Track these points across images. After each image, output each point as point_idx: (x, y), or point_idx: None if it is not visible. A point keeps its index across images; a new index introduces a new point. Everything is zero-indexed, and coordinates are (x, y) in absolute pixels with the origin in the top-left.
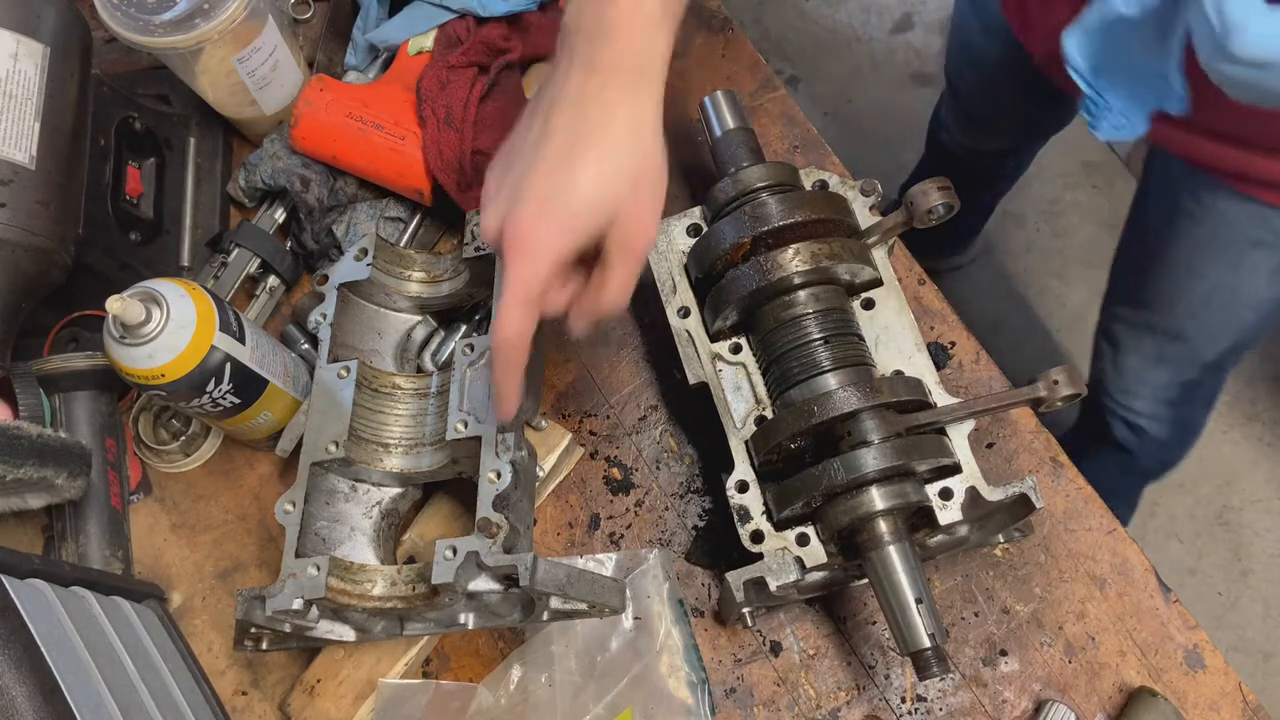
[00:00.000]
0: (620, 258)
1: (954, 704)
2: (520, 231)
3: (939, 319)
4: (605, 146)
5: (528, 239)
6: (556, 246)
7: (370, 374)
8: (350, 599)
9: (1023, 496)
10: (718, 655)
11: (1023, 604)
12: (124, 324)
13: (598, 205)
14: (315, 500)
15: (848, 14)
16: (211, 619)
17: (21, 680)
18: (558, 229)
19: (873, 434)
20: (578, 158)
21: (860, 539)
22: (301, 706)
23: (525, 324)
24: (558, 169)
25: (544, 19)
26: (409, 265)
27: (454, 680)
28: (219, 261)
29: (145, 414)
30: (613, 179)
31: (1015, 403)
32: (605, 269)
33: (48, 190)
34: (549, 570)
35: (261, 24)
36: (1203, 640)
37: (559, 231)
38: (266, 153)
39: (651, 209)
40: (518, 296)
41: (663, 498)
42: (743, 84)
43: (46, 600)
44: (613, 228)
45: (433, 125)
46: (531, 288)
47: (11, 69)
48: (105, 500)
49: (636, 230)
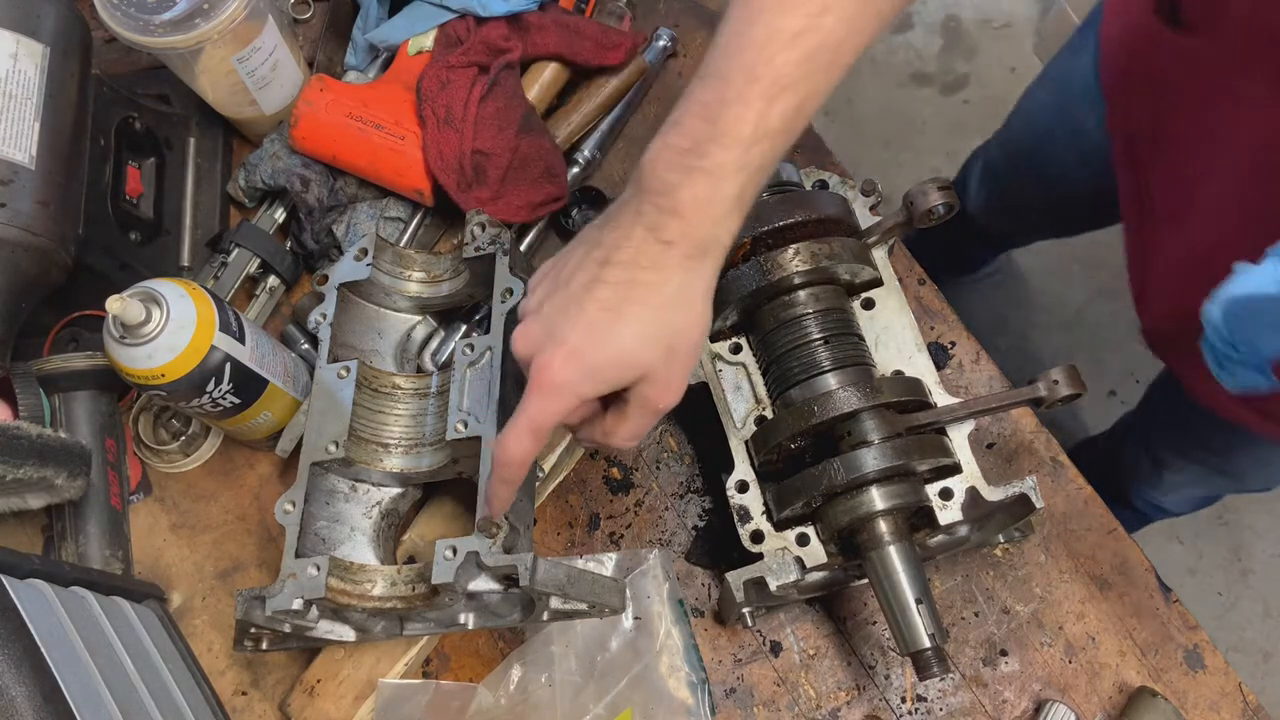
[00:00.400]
0: (639, 411)
1: (954, 704)
2: (548, 370)
3: (939, 319)
4: (649, 309)
5: (554, 379)
6: (579, 391)
7: (370, 374)
8: (350, 599)
9: (1023, 496)
10: (718, 655)
11: (1023, 604)
12: (124, 324)
13: (629, 365)
14: (315, 500)
15: None
16: (211, 619)
17: (21, 680)
18: (584, 377)
19: (873, 434)
20: (620, 316)
21: (860, 539)
22: (301, 706)
23: (531, 450)
24: (599, 321)
25: (544, 19)
26: (409, 265)
27: (454, 680)
28: (219, 261)
29: (145, 414)
30: (649, 342)
31: (1015, 403)
32: (622, 416)
33: (48, 190)
34: (549, 570)
35: (261, 24)
36: (1203, 640)
37: (584, 378)
38: (266, 153)
39: (681, 374)
40: (530, 425)
41: (663, 498)
42: None
43: (46, 600)
44: (639, 383)
45: (433, 125)
46: (545, 422)
47: (11, 69)
48: (105, 500)
49: (661, 392)
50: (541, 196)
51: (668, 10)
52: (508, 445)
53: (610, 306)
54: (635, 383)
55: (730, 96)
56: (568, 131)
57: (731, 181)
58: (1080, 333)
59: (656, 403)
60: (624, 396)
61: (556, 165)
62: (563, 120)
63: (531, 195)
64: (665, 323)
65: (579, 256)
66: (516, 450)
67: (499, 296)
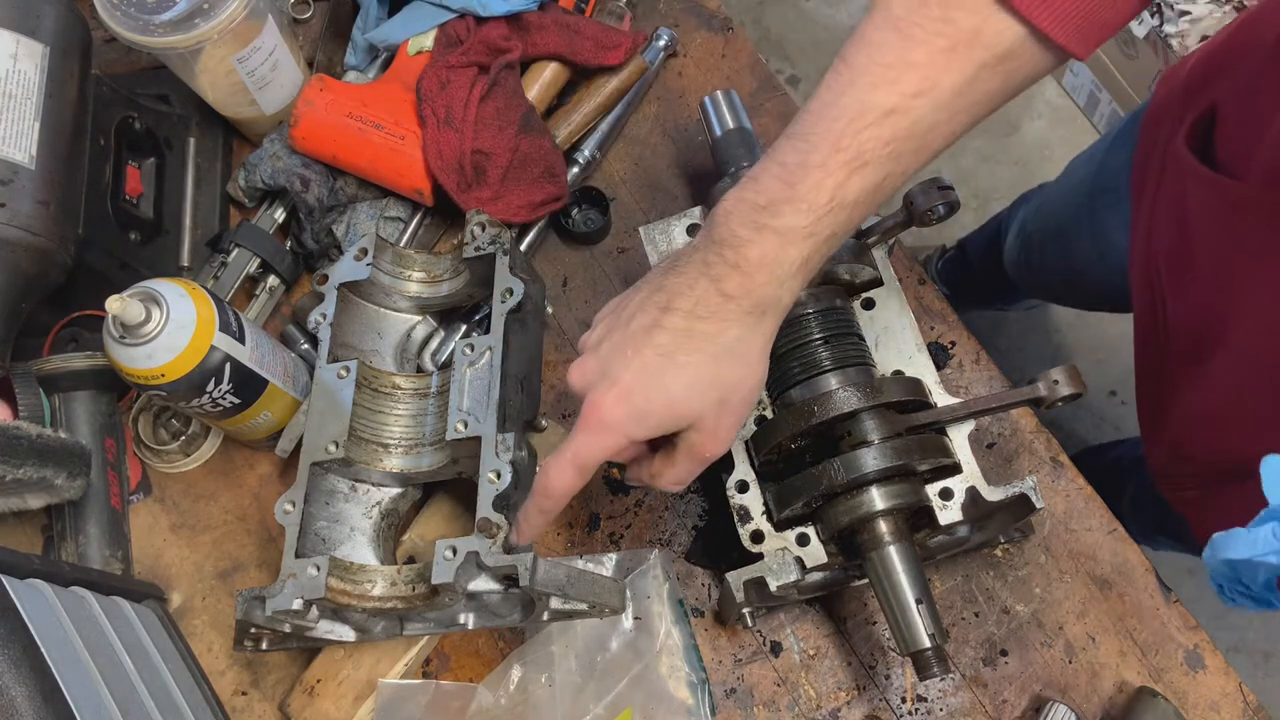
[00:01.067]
0: (686, 457)
1: (954, 704)
2: (598, 409)
3: (939, 319)
4: (703, 358)
5: (603, 418)
6: (628, 432)
7: (370, 374)
8: (350, 599)
9: (1023, 496)
10: (718, 655)
11: (1023, 604)
12: (124, 324)
13: (679, 413)
14: (315, 500)
15: (848, 14)
16: (211, 619)
17: (21, 680)
18: (634, 419)
19: (873, 434)
20: (674, 363)
21: (860, 539)
22: (301, 706)
23: (573, 485)
24: (653, 366)
25: (544, 19)
26: (409, 265)
27: (454, 680)
28: (219, 261)
29: (145, 414)
30: (702, 392)
31: (1015, 403)
32: (670, 460)
33: (48, 190)
34: (549, 570)
35: (261, 24)
36: (1203, 640)
37: (633, 420)
38: (266, 153)
39: (730, 426)
40: (575, 461)
41: (663, 498)
42: (743, 84)
43: (46, 600)
44: (688, 431)
45: (432, 125)
46: (590, 458)
47: (11, 69)
48: (105, 500)
49: (709, 441)
50: (542, 196)
51: (668, 10)
52: (550, 477)
53: (666, 352)
54: (684, 430)
55: (812, 162)
56: (568, 131)
57: (800, 246)
58: (1080, 333)
59: (703, 451)
60: (673, 441)
61: (556, 165)
62: (563, 120)
63: (531, 195)
64: (718, 374)
65: (641, 298)
66: (559, 483)
67: (499, 296)
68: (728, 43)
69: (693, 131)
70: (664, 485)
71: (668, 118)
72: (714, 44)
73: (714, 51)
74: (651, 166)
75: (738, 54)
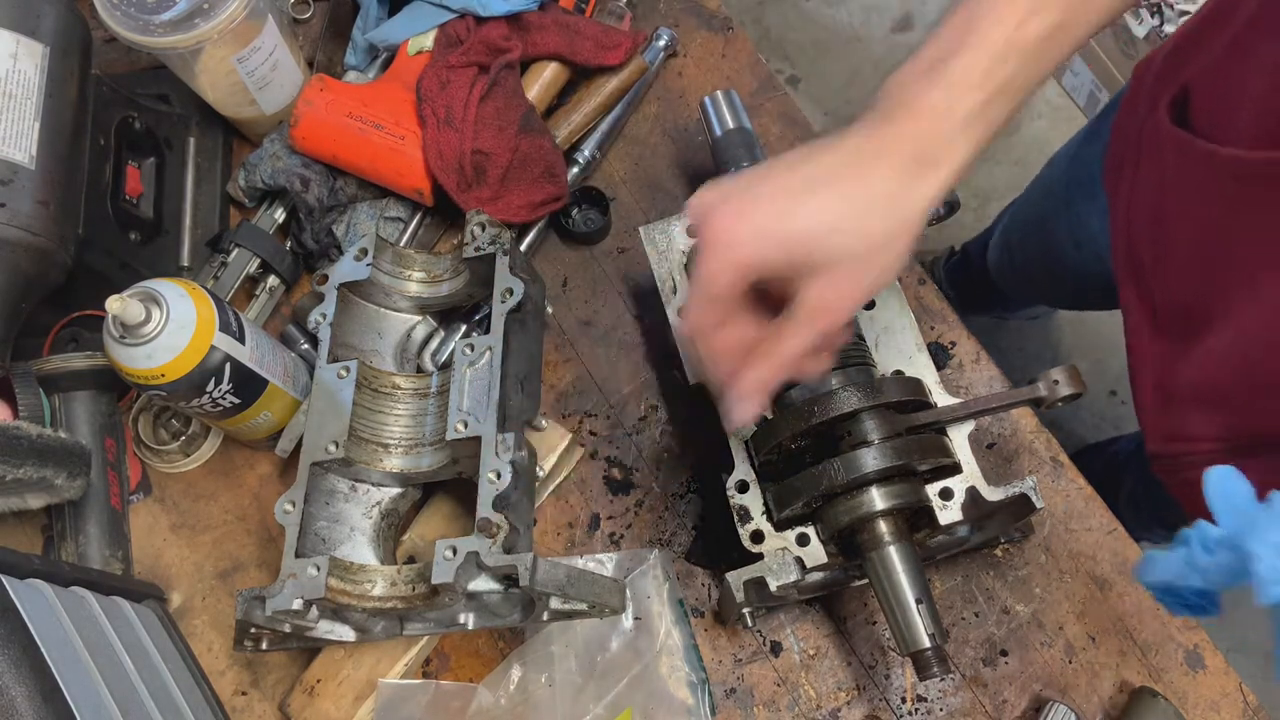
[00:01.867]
0: (808, 319)
1: (954, 704)
2: (723, 224)
3: (939, 319)
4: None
5: (723, 235)
6: (753, 251)
7: (370, 374)
8: (350, 599)
9: (1023, 496)
10: (718, 655)
11: (1023, 604)
12: (124, 324)
13: (812, 246)
14: (315, 500)
15: (848, 14)
16: (211, 619)
17: (21, 680)
18: (761, 236)
19: (873, 434)
20: (816, 195)
21: (860, 539)
22: (301, 706)
23: (715, 318)
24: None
25: (544, 18)
26: (409, 265)
27: (454, 680)
28: (219, 261)
29: (145, 414)
30: (842, 233)
31: (1015, 403)
32: (787, 321)
33: (48, 190)
34: (549, 570)
35: (261, 24)
36: (1203, 640)
37: (760, 237)
38: (266, 153)
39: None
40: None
41: (663, 498)
42: (743, 84)
43: (46, 600)
44: (812, 278)
45: (433, 125)
46: (719, 285)
47: (11, 69)
48: (105, 500)
49: (836, 297)
50: (542, 196)
51: (668, 10)
52: (691, 319)
53: (808, 180)
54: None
55: (983, 10)
56: (568, 131)
57: (973, 94)
58: (1080, 333)
59: (828, 311)
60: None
61: (556, 165)
62: (563, 120)
63: (531, 195)
64: (863, 223)
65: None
66: (699, 319)
67: (499, 296)
68: (728, 43)
69: (693, 131)
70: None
71: (668, 118)
72: (714, 44)
73: (714, 51)
74: (651, 166)
75: (738, 54)
